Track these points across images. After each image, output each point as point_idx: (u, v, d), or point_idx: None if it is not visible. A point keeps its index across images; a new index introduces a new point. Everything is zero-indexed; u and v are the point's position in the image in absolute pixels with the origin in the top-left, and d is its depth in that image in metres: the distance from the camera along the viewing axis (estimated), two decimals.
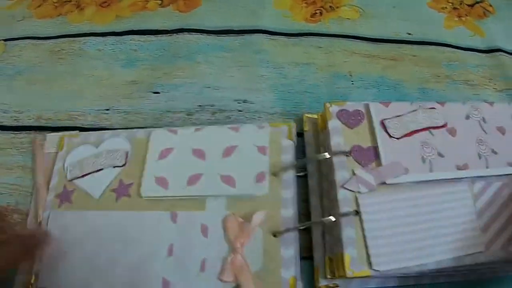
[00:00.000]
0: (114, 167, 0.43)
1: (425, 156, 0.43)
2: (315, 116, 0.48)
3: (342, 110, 0.44)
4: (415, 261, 0.38)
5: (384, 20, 0.59)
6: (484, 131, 0.45)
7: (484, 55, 0.57)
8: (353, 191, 0.40)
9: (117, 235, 0.40)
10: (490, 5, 0.62)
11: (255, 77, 0.53)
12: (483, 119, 0.46)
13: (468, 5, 0.62)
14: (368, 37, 0.57)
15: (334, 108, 0.44)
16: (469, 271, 0.41)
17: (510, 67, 0.56)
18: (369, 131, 0.43)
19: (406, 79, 0.54)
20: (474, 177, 0.43)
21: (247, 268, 0.38)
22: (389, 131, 0.43)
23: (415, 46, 0.57)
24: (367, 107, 0.45)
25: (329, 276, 0.40)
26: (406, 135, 0.43)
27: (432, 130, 0.44)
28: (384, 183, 0.41)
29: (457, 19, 0.60)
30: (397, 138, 0.43)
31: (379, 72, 0.54)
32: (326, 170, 0.44)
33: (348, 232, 0.39)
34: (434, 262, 0.39)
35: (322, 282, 0.41)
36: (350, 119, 0.44)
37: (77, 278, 0.40)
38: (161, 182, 0.42)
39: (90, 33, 0.57)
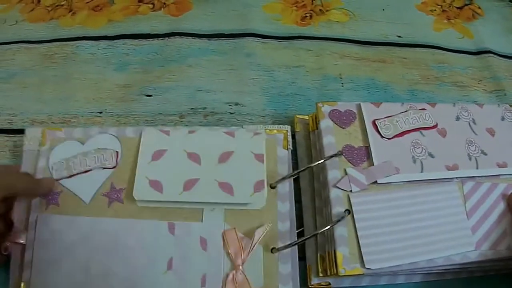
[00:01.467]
0: (104, 168, 0.41)
1: (416, 157, 0.43)
2: (306, 117, 0.49)
3: (334, 110, 0.45)
4: (407, 259, 0.39)
5: (374, 23, 0.60)
6: (474, 132, 0.46)
7: (473, 57, 0.58)
8: (345, 190, 0.41)
9: (111, 244, 0.39)
10: (479, 8, 0.63)
11: (246, 80, 0.53)
12: (473, 120, 0.46)
13: (457, 8, 0.62)
14: (357, 40, 0.58)
15: (326, 108, 0.45)
16: (459, 270, 0.42)
17: (499, 68, 0.57)
18: (360, 131, 0.44)
19: (396, 81, 0.54)
20: (464, 177, 0.44)
21: (248, 286, 0.38)
22: (380, 131, 0.44)
23: (404, 49, 0.58)
24: (358, 107, 0.45)
25: (321, 275, 0.40)
26: (397, 136, 0.44)
27: (423, 131, 0.45)
28: (375, 182, 0.41)
29: (446, 21, 0.61)
30: (389, 139, 0.44)
31: (369, 74, 0.55)
32: (317, 170, 0.44)
33: (341, 230, 0.39)
34: (425, 261, 0.40)
35: (315, 281, 0.41)
36: (342, 119, 0.45)
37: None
38: (155, 185, 0.40)
39: (83, 37, 0.58)
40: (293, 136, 0.48)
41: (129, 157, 0.42)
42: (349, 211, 0.40)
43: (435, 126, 0.45)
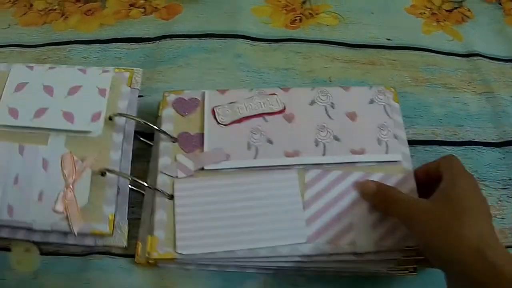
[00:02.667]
0: None
1: (251, 143, 0.43)
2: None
3: (179, 98, 0.46)
4: (222, 247, 0.39)
5: (363, 26, 0.60)
6: (329, 116, 0.44)
7: (462, 59, 0.58)
8: (172, 176, 0.42)
9: None
10: (469, 10, 0.63)
11: (236, 81, 0.54)
12: (331, 104, 0.45)
13: (446, 11, 0.63)
14: (347, 42, 0.58)
15: (171, 97, 0.46)
16: (304, 267, 0.40)
17: (488, 70, 0.57)
18: (199, 119, 0.44)
19: (386, 83, 0.54)
20: (308, 164, 0.42)
21: (75, 202, 0.41)
22: (217, 118, 0.44)
23: (394, 51, 0.58)
24: (203, 95, 0.45)
25: (146, 255, 0.40)
26: (235, 122, 0.44)
27: (267, 116, 0.44)
28: (203, 169, 0.42)
29: (435, 24, 0.61)
30: (225, 125, 0.44)
31: (358, 77, 0.55)
32: (154, 153, 0.45)
33: (161, 215, 0.40)
34: (246, 250, 0.39)
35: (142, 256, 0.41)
36: (184, 107, 0.45)
37: None
38: (12, 112, 0.44)
39: (75, 40, 0.58)
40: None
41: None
42: (172, 197, 0.41)
43: (282, 111, 0.44)
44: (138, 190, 0.43)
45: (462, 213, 0.34)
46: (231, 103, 0.45)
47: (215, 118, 0.44)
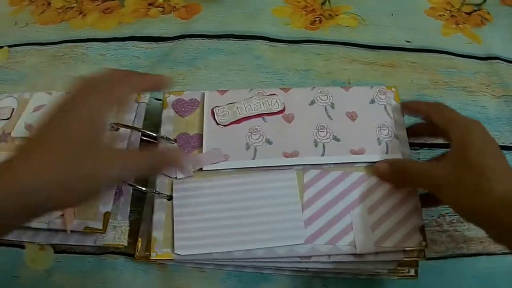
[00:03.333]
0: (1, 120, 0.48)
1: (250, 143, 0.42)
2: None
3: (178, 99, 0.46)
4: (220, 248, 0.39)
5: (383, 27, 0.60)
6: (329, 117, 0.44)
7: (481, 62, 0.58)
8: (170, 177, 0.42)
9: None
10: (488, 13, 0.63)
11: (255, 82, 0.54)
12: (332, 105, 0.45)
13: (466, 13, 0.63)
14: (366, 44, 0.58)
15: (171, 98, 0.46)
16: (306, 268, 0.40)
17: (507, 74, 0.57)
18: (198, 119, 0.44)
19: (405, 85, 0.54)
20: (306, 165, 0.42)
21: None
22: (216, 118, 0.43)
23: (413, 53, 0.58)
24: (202, 95, 0.45)
25: (146, 254, 0.40)
26: (234, 122, 0.43)
27: (266, 117, 0.44)
28: (201, 169, 0.42)
29: (454, 26, 0.61)
30: (224, 126, 0.43)
31: (377, 79, 0.55)
32: None
33: (159, 215, 0.40)
34: (244, 251, 0.38)
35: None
36: (184, 108, 0.45)
37: None
38: (28, 127, 0.46)
39: (93, 38, 0.58)
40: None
41: (20, 111, 0.48)
42: (171, 197, 0.41)
43: (281, 112, 0.44)
44: (141, 189, 0.43)
45: (482, 171, 0.34)
46: (230, 103, 0.44)
47: (214, 118, 0.44)
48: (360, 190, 0.41)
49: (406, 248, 0.39)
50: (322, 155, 0.42)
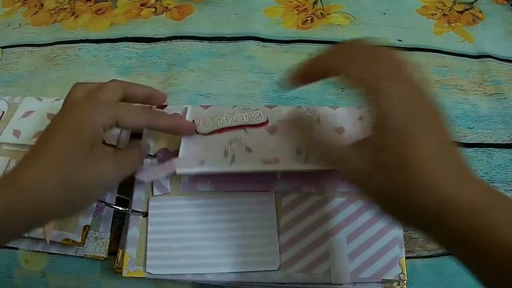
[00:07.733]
0: None
1: (229, 150, 0.41)
2: None
3: None
4: (191, 269, 0.38)
5: (374, 26, 0.60)
6: (314, 130, 0.42)
7: (473, 60, 0.58)
8: (147, 193, 0.42)
9: None
10: (480, 12, 0.63)
11: (247, 83, 0.54)
12: (317, 120, 0.44)
13: (458, 12, 0.63)
14: None
15: None
16: None
17: (499, 72, 0.57)
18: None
19: None
20: (287, 171, 0.41)
21: None
22: (197, 128, 0.42)
23: (405, 52, 0.57)
24: (185, 110, 0.45)
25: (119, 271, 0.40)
26: (215, 132, 0.42)
27: (248, 128, 0.43)
28: (183, 188, 0.42)
29: (446, 25, 0.61)
30: (204, 134, 0.42)
31: None
32: None
33: (133, 232, 0.40)
34: (215, 274, 0.38)
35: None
36: None
37: None
38: (16, 133, 0.46)
39: (85, 39, 0.58)
40: None
41: (9, 116, 0.49)
42: (146, 214, 0.40)
43: (264, 124, 0.43)
44: (116, 208, 0.42)
45: (405, 163, 0.26)
46: (211, 116, 0.43)
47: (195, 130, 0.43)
48: (340, 217, 0.40)
49: (384, 279, 0.38)
50: (305, 162, 0.41)
